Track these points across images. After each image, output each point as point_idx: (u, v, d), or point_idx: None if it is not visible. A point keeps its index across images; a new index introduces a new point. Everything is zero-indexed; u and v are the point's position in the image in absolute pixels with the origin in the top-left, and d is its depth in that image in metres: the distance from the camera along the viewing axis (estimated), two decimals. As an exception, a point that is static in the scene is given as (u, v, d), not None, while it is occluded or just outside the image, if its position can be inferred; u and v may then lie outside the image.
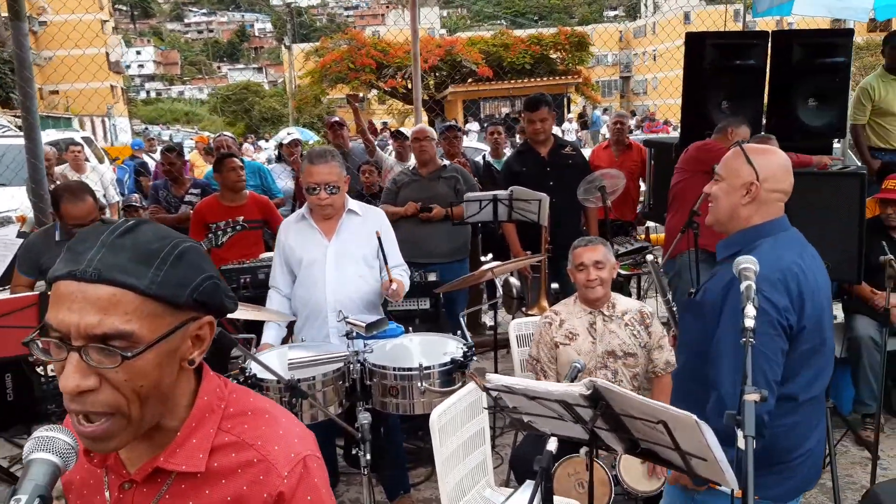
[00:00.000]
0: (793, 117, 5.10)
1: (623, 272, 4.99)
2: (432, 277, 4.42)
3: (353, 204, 3.44)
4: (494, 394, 1.74)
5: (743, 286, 1.67)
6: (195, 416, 1.09)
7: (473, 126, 18.35)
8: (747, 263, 1.72)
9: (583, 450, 2.91)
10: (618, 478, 3.09)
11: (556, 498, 2.94)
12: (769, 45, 5.11)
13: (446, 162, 5.16)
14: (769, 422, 1.82)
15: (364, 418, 2.84)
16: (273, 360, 2.88)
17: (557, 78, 21.74)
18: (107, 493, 1.11)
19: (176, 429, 1.08)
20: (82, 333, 0.94)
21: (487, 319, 6.20)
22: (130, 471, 1.09)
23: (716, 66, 4.99)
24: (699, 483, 1.90)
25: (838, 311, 4.69)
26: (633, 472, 3.11)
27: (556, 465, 3.18)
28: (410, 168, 5.06)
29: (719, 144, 4.21)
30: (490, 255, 3.96)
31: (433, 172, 4.87)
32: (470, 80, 21.50)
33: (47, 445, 0.89)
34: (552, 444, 2.29)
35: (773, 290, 1.89)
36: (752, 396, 1.51)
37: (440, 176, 4.87)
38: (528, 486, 2.91)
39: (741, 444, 1.49)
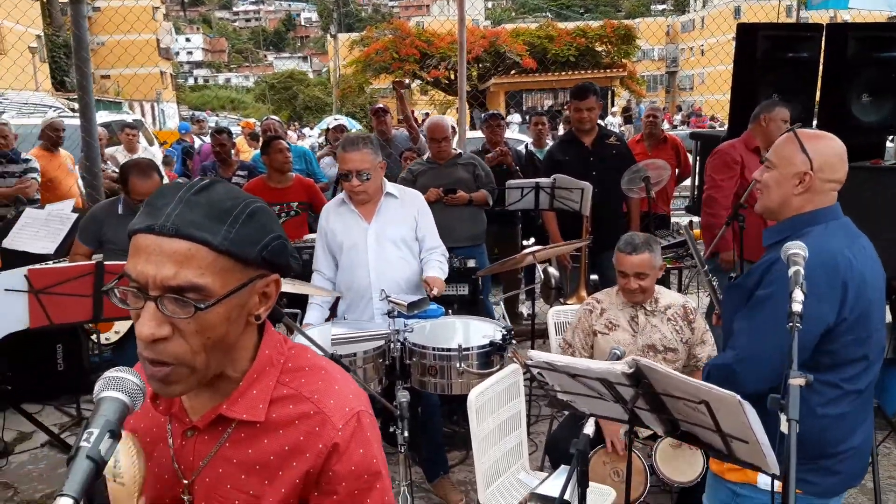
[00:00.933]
0: (845, 112, 4.96)
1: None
2: (471, 264, 4.45)
3: (390, 187, 3.48)
4: (536, 371, 1.76)
5: (791, 271, 1.65)
6: (256, 369, 1.13)
7: (515, 118, 18.24)
8: (796, 249, 1.70)
9: (622, 429, 2.92)
10: (654, 467, 3.09)
11: (590, 484, 2.95)
12: (823, 37, 4.98)
13: (459, 150, 5.17)
14: (816, 410, 1.81)
15: (403, 396, 2.89)
16: (316, 335, 2.94)
17: (602, 71, 21.49)
18: (170, 441, 1.16)
19: (238, 380, 1.12)
20: (159, 284, 0.99)
21: (525, 309, 6.20)
22: (193, 419, 1.14)
23: (767, 58, 4.89)
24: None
25: (888, 311, 4.59)
26: (670, 463, 3.10)
27: (592, 452, 3.18)
28: (425, 158, 5.06)
29: (732, 143, 4.27)
30: (532, 240, 3.96)
31: (449, 160, 4.88)
32: (513, 71, 21.38)
33: (117, 385, 0.94)
34: (590, 428, 2.30)
35: (814, 279, 1.82)
36: (797, 381, 1.50)
37: (457, 163, 4.88)
38: (563, 470, 2.92)
39: (784, 428, 1.49)
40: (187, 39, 78.60)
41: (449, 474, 3.75)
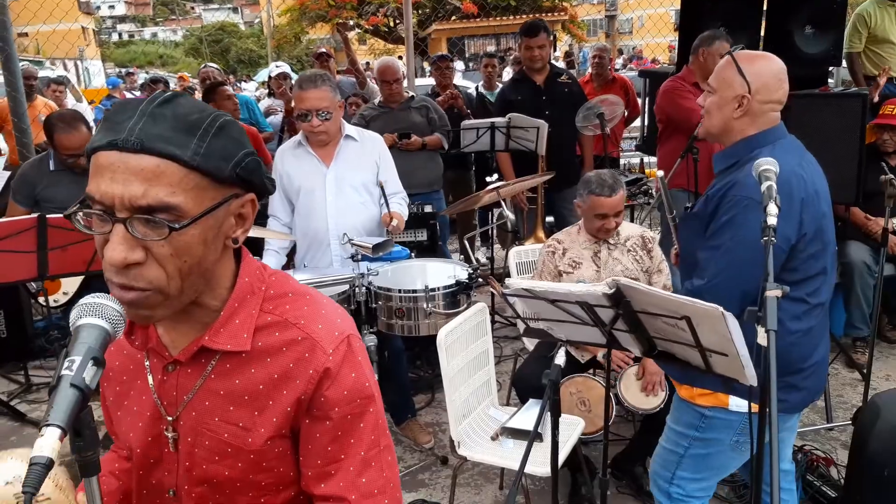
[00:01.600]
0: (789, 45, 5.03)
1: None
2: (428, 209, 4.40)
3: (350, 129, 3.38)
4: (512, 300, 1.74)
5: (764, 186, 1.66)
6: (237, 297, 1.08)
7: (458, 65, 18.00)
8: (767, 164, 1.71)
9: (601, 352, 2.96)
10: (618, 396, 3.16)
11: (564, 416, 3.01)
12: (768, -31, 5.01)
13: (412, 93, 5.06)
14: (787, 325, 1.85)
15: (370, 341, 2.87)
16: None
17: (543, 15, 21.27)
18: (149, 378, 1.11)
19: (218, 309, 1.07)
20: (126, 205, 0.91)
21: (481, 255, 6.21)
22: (173, 353, 1.09)
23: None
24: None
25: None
26: (633, 391, 3.17)
27: (560, 382, 3.24)
28: (377, 102, 4.93)
29: (669, 84, 4.22)
30: (495, 176, 3.91)
31: (402, 104, 4.77)
32: (454, 17, 21.00)
33: (96, 311, 0.87)
34: (560, 358, 2.31)
35: (759, 207, 1.83)
36: (773, 292, 1.52)
37: (409, 106, 4.78)
38: (533, 403, 2.97)
39: (762, 340, 1.52)
40: (108, -8, 74.50)
41: (416, 417, 3.77)
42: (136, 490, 1.16)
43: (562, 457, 2.70)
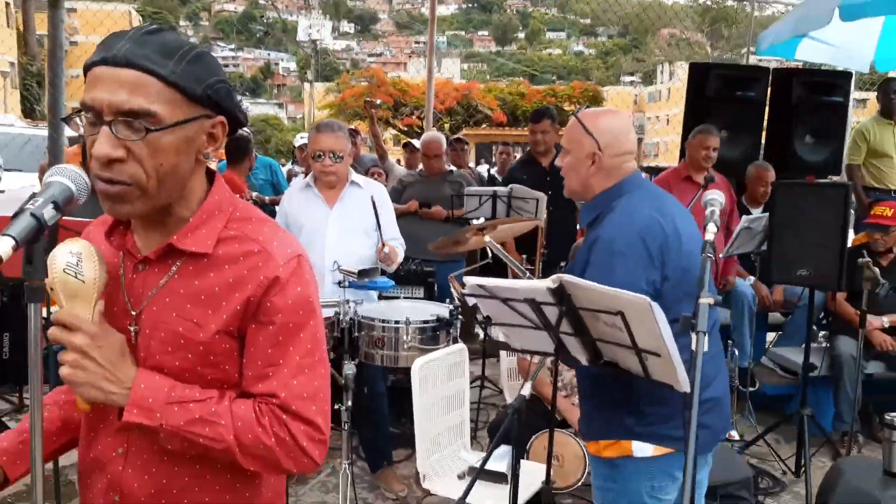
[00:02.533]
0: (790, 151, 5.29)
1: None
2: (429, 269, 4.55)
3: (356, 177, 3.60)
4: (472, 301, 1.86)
5: (708, 211, 1.81)
6: (206, 209, 1.23)
7: (483, 168, 18.65)
8: (713, 195, 1.87)
9: (547, 360, 3.00)
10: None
11: (531, 463, 3.02)
12: (770, 80, 5.33)
13: (453, 168, 5.35)
14: None
15: (349, 369, 2.95)
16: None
17: (570, 129, 22.19)
18: (121, 276, 1.24)
19: (188, 218, 1.22)
20: (113, 109, 1.09)
21: (480, 331, 6.29)
22: (144, 253, 1.23)
23: (718, 95, 5.21)
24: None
25: (823, 331, 4.81)
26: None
27: (533, 438, 3.27)
28: (418, 171, 5.25)
29: (663, 175, 4.49)
30: (482, 219, 3.96)
31: (439, 175, 5.06)
32: (485, 124, 21.96)
33: (66, 174, 1.04)
34: (526, 389, 2.40)
35: (631, 249, 1.87)
36: (706, 299, 1.62)
37: (445, 179, 5.06)
38: (504, 450, 3.00)
39: (693, 344, 1.61)
40: (165, 82, 78.85)
41: (393, 467, 3.76)
42: None
43: (523, 498, 2.69)
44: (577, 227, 5.05)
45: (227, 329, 1.19)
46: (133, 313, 1.22)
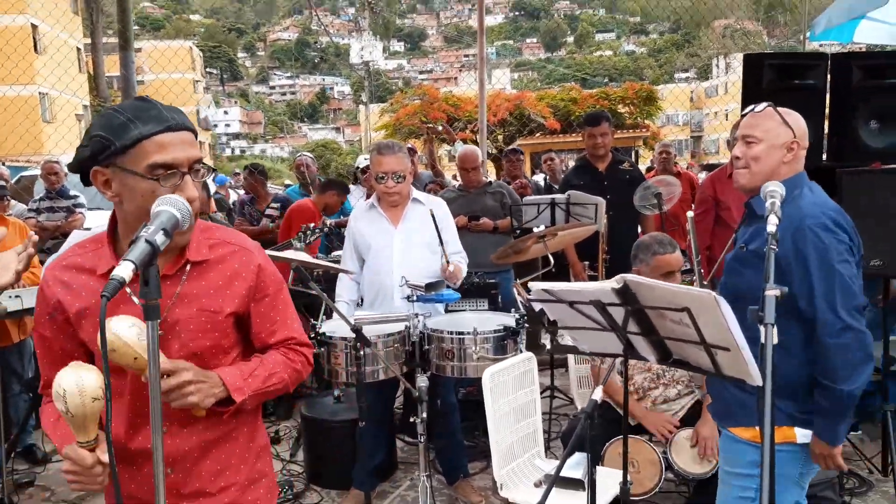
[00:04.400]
0: (854, 137, 5.11)
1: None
2: (492, 280, 4.61)
3: (417, 194, 3.70)
4: (538, 306, 1.91)
5: (768, 203, 1.82)
6: (195, 229, 1.55)
7: (539, 178, 18.60)
8: (773, 186, 1.89)
9: (617, 361, 3.01)
10: (669, 460, 3.15)
11: (607, 469, 3.03)
12: (828, 66, 5.19)
13: (491, 178, 5.41)
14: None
15: (422, 381, 3.03)
16: (342, 324, 3.12)
17: (625, 131, 21.90)
18: (134, 298, 1.37)
19: (186, 239, 1.52)
20: (190, 162, 1.45)
21: (546, 341, 6.30)
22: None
23: (773, 86, 5.08)
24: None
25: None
26: (685, 456, 3.16)
27: (608, 444, 3.26)
28: (457, 186, 5.31)
29: (710, 175, 4.41)
30: (542, 227, 4.00)
31: (479, 189, 5.12)
32: (538, 133, 21.91)
33: (172, 203, 1.19)
34: (597, 394, 2.43)
35: (838, 230, 2.04)
36: (773, 292, 1.64)
37: (486, 191, 5.12)
38: (580, 456, 3.02)
39: (763, 336, 1.62)
40: (225, 112, 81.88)
41: (470, 479, 3.82)
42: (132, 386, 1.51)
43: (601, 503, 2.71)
44: (639, 229, 5.03)
45: (237, 310, 1.59)
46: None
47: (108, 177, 1.43)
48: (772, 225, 1.72)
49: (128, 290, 1.35)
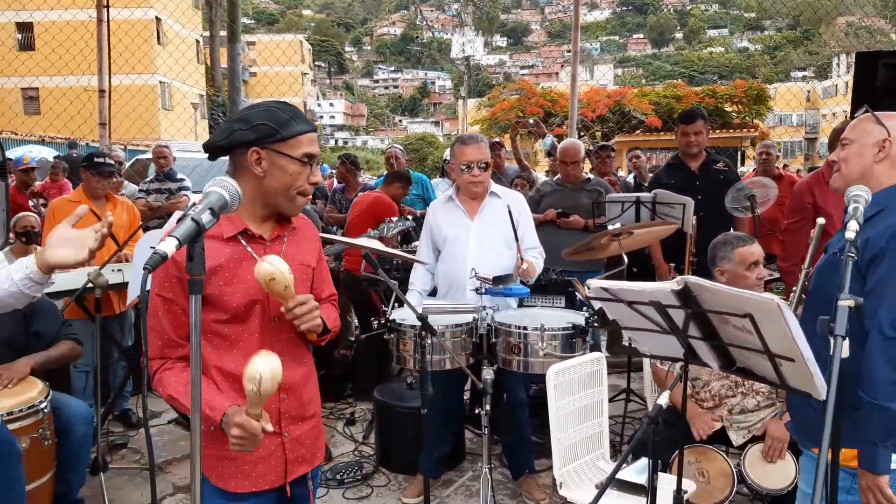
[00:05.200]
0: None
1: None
2: (569, 278, 4.53)
3: (495, 187, 3.69)
4: (597, 305, 1.87)
5: (851, 208, 1.71)
6: None
7: (631, 178, 18.14)
8: (858, 191, 1.77)
9: (678, 365, 2.90)
10: (742, 473, 3.01)
11: (671, 476, 2.93)
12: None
13: (591, 175, 5.29)
14: None
15: (488, 374, 3.03)
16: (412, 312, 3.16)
17: (732, 131, 20.99)
18: (254, 255, 1.79)
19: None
20: (317, 155, 1.80)
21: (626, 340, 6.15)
22: (267, 236, 1.85)
23: (888, 86, 4.74)
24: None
25: None
26: (759, 469, 3.02)
27: (677, 451, 3.15)
28: (555, 179, 5.24)
29: (804, 180, 4.13)
30: (619, 224, 3.88)
31: (577, 184, 5.02)
32: (638, 130, 21.35)
33: (222, 185, 1.24)
34: (663, 399, 2.35)
35: None
36: (846, 302, 1.54)
37: (583, 188, 5.01)
38: (644, 461, 2.94)
39: (832, 348, 1.52)
40: (331, 104, 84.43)
41: (535, 476, 3.79)
42: (261, 326, 1.80)
43: (664, 510, 2.62)
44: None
45: (315, 266, 1.97)
46: None
47: (262, 157, 1.72)
48: (851, 231, 1.61)
49: (249, 248, 1.78)
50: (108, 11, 6.56)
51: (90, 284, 3.53)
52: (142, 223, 4.94)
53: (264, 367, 1.44)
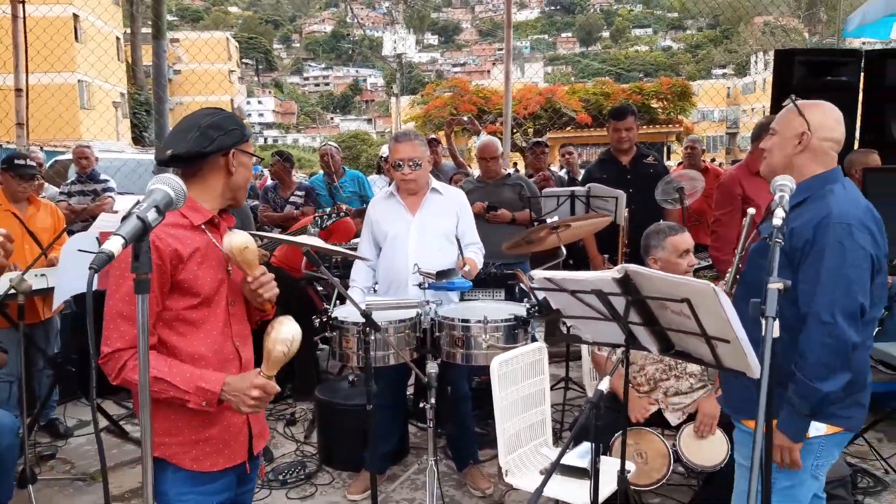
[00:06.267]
0: (886, 134, 5.02)
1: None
2: (509, 271, 4.60)
3: (435, 184, 3.71)
4: (541, 295, 1.91)
5: (777, 196, 1.80)
6: None
7: (564, 174, 18.49)
8: (783, 181, 1.87)
9: (619, 351, 3.00)
10: (678, 453, 3.12)
11: (612, 459, 3.02)
12: (862, 63, 5.09)
13: (510, 170, 5.37)
14: (867, 342, 1.99)
15: (432, 368, 3.05)
16: (354, 309, 3.15)
17: (658, 127, 21.66)
18: (216, 242, 1.87)
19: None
20: None
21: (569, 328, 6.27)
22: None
23: (805, 83, 5.00)
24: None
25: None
26: (694, 448, 3.14)
27: (616, 435, 3.25)
28: (475, 177, 5.29)
29: (731, 172, 4.28)
30: (556, 217, 3.96)
31: (498, 180, 5.08)
32: (569, 127, 21.76)
33: (166, 182, 1.20)
34: (603, 384, 2.42)
35: (863, 230, 2.02)
36: (775, 285, 1.62)
37: (505, 183, 5.08)
38: (586, 446, 3.02)
39: (764, 329, 1.61)
40: (259, 102, 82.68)
41: (480, 466, 3.83)
42: (225, 307, 1.92)
43: (605, 493, 2.70)
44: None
45: None
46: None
47: (236, 156, 1.90)
48: (777, 219, 1.70)
49: (213, 239, 1.87)
50: (23, 7, 6.26)
51: (13, 291, 3.38)
52: (66, 227, 4.73)
53: (295, 330, 1.64)
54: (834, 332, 1.95)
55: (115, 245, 1.06)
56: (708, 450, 3.10)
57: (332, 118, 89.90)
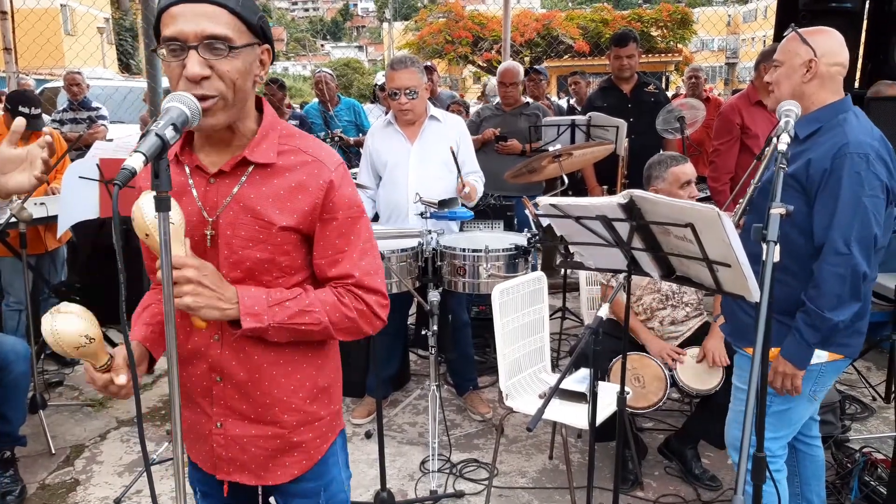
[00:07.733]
0: (890, 65, 4.96)
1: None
2: (508, 202, 4.62)
3: (434, 111, 3.67)
4: (546, 222, 1.94)
5: (783, 121, 1.80)
6: (265, 127, 1.43)
7: (563, 103, 18.24)
8: (789, 105, 1.86)
9: (621, 276, 3.07)
10: (674, 377, 3.22)
11: (610, 384, 3.11)
12: (868, -11, 4.97)
13: (529, 100, 5.30)
14: (873, 272, 2.00)
15: (433, 296, 3.10)
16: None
17: (657, 56, 21.29)
18: (194, 191, 1.43)
19: (248, 135, 1.42)
20: (197, 36, 1.26)
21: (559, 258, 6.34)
22: (212, 170, 1.42)
23: (809, 9, 4.89)
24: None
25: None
26: (690, 373, 3.23)
27: (614, 360, 3.34)
28: (494, 104, 5.24)
29: (731, 102, 4.22)
30: (559, 146, 3.96)
31: (515, 109, 5.04)
32: (567, 55, 21.36)
33: (181, 100, 1.19)
34: (603, 311, 2.47)
35: (878, 160, 2.03)
36: (777, 209, 1.64)
37: (522, 112, 5.03)
38: (585, 371, 3.10)
39: (764, 254, 1.64)
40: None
41: (479, 391, 3.95)
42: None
43: (603, 416, 2.81)
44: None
45: (296, 226, 1.41)
46: (210, 220, 1.41)
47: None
48: (783, 144, 1.71)
49: (190, 181, 1.42)
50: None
51: (14, 219, 3.38)
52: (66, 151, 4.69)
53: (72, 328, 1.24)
54: (849, 262, 1.98)
55: (137, 161, 1.06)
56: (703, 375, 3.19)
57: (322, 45, 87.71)
